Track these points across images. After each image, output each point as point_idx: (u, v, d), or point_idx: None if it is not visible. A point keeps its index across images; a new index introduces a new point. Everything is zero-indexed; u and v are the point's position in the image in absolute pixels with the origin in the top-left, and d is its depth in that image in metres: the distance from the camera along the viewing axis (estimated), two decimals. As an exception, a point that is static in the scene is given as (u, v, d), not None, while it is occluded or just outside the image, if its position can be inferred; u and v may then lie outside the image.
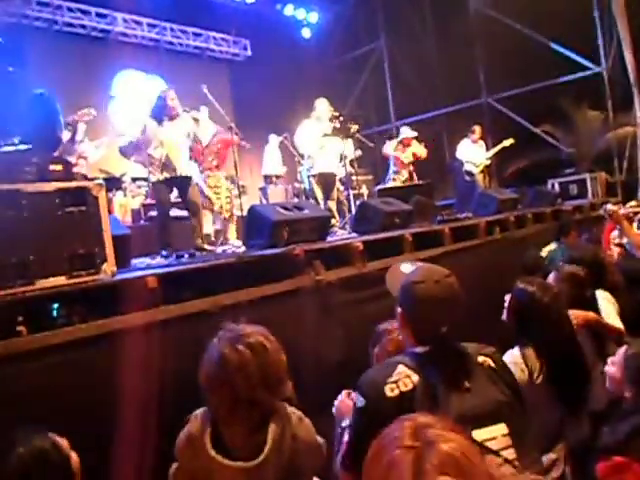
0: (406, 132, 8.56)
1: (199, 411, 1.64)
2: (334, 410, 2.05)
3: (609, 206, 3.94)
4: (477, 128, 9.17)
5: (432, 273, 1.71)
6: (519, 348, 2.26)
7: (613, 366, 1.99)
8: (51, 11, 9.26)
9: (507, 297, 2.45)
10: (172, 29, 10.98)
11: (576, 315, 2.48)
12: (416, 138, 8.50)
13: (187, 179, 5.17)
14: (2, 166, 2.30)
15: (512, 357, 2.21)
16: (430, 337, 1.66)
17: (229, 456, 1.52)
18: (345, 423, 1.95)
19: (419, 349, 1.67)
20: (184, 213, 5.63)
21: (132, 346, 2.39)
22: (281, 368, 1.57)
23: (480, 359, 1.66)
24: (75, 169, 6.19)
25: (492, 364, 1.67)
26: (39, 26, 9.20)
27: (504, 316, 2.45)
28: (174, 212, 5.80)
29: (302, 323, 3.23)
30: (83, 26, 9.77)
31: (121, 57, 10.15)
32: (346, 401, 2.04)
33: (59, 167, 2.71)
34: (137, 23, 10.47)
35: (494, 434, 1.50)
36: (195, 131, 5.31)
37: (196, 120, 5.23)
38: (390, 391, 1.54)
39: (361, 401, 1.60)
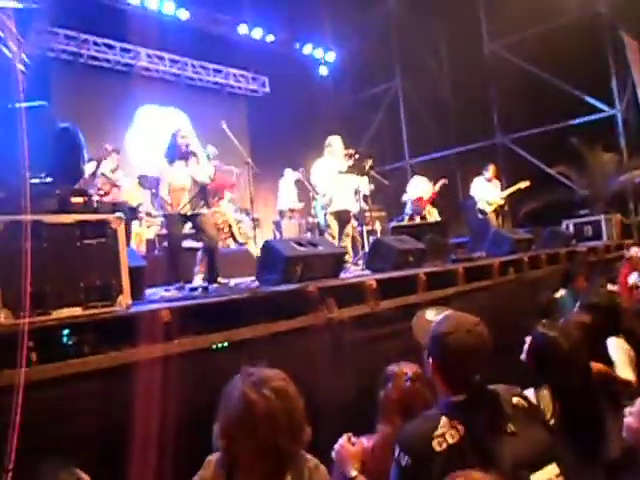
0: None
1: (213, 457, 1.56)
2: (334, 454, 1.99)
3: (633, 250, 3.87)
4: (492, 167, 9.15)
5: (463, 323, 1.70)
6: (534, 389, 2.24)
7: (630, 416, 1.96)
8: (77, 44, 9.59)
9: (528, 339, 2.43)
10: (193, 65, 11.30)
11: None
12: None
13: (198, 217, 5.11)
14: (25, 197, 2.34)
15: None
16: (465, 386, 1.63)
17: None
18: (353, 473, 1.90)
19: (455, 398, 1.63)
20: (197, 244, 5.66)
21: (145, 379, 2.39)
22: (302, 414, 1.48)
23: (515, 400, 1.65)
24: (106, 198, 6.32)
25: (526, 404, 1.67)
26: (65, 58, 9.51)
27: (523, 356, 2.43)
28: (188, 243, 5.84)
29: (314, 361, 3.21)
30: (108, 60, 10.09)
31: (143, 91, 10.43)
32: (347, 446, 1.99)
33: (80, 199, 2.76)
34: (160, 58, 10.79)
35: (549, 475, 1.49)
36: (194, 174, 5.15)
37: (195, 155, 5.20)
38: (438, 445, 1.49)
39: (406, 460, 1.51)
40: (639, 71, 9.96)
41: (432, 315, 1.93)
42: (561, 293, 4.55)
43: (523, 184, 9.10)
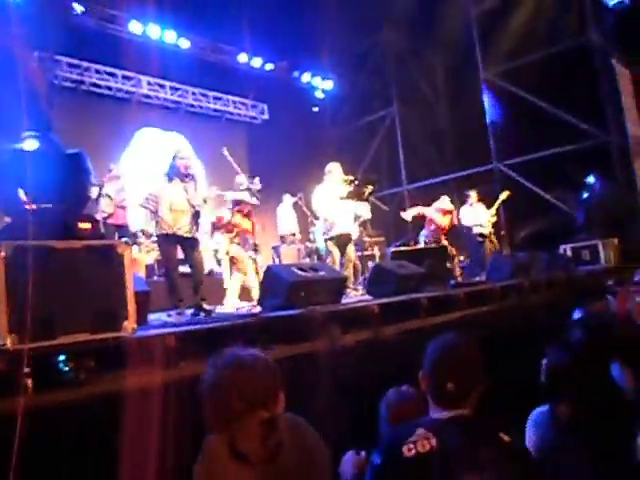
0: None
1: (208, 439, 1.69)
2: (340, 467, 2.04)
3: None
4: (472, 192, 9.43)
5: (448, 337, 1.83)
6: (550, 406, 2.24)
7: None
8: (80, 72, 9.73)
9: (544, 361, 2.45)
10: (194, 92, 11.45)
11: None
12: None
13: (189, 240, 5.15)
14: (33, 222, 2.36)
15: (541, 415, 2.21)
16: (440, 398, 1.71)
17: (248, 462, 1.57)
18: (347, 478, 1.93)
19: (439, 414, 1.69)
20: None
21: (151, 404, 2.38)
22: (268, 382, 1.58)
23: (500, 435, 1.66)
24: (110, 220, 6.33)
25: (510, 441, 1.67)
26: (68, 86, 9.63)
27: (542, 378, 2.45)
28: (184, 268, 5.83)
29: (318, 386, 3.20)
30: (109, 87, 10.22)
31: (144, 117, 10.55)
32: (353, 456, 2.03)
33: (88, 225, 2.78)
34: (161, 86, 10.94)
35: None
36: (190, 197, 5.18)
37: (193, 179, 5.22)
38: (408, 451, 1.55)
39: (377, 459, 1.60)
40: (629, 99, 10.16)
41: None
42: (579, 315, 4.54)
43: (504, 195, 9.31)
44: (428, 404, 2.08)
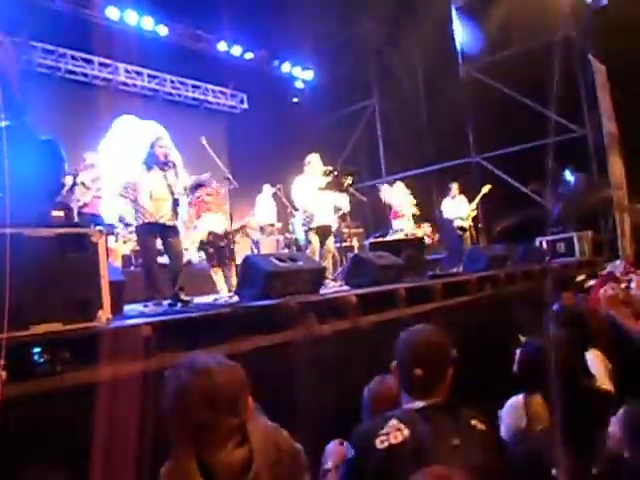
0: None
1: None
2: (323, 456, 2.05)
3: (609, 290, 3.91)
4: (454, 185, 9.58)
5: (418, 328, 1.89)
6: (524, 396, 2.28)
7: (614, 425, 2.00)
8: (55, 58, 9.51)
9: (518, 351, 2.49)
10: (172, 80, 11.29)
11: None
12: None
13: (170, 229, 5.09)
14: (4, 210, 2.31)
15: (515, 403, 2.25)
16: (410, 386, 1.74)
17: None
18: (328, 465, 1.94)
19: (412, 405, 1.71)
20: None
21: (125, 394, 2.36)
22: (234, 388, 1.52)
23: (472, 422, 1.70)
24: (86, 209, 6.23)
25: (483, 428, 1.71)
26: (42, 72, 9.41)
27: (515, 368, 2.49)
28: (162, 259, 5.77)
29: (295, 376, 3.21)
30: (85, 74, 10.02)
31: (121, 105, 10.38)
32: (335, 445, 2.04)
33: (61, 213, 2.73)
34: (138, 74, 10.75)
35: None
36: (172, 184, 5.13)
37: (174, 166, 5.19)
38: (380, 443, 1.56)
39: (351, 452, 1.62)
40: (605, 94, 10.31)
41: None
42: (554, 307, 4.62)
43: (486, 188, 9.45)
44: None
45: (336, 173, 6.50)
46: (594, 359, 2.85)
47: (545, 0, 10.19)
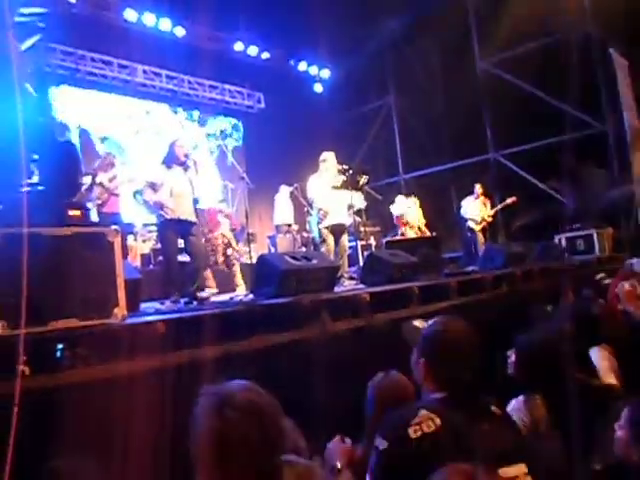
0: None
1: None
2: (325, 453, 2.06)
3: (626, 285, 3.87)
4: (478, 186, 9.47)
5: (455, 324, 1.86)
6: (524, 397, 2.28)
7: (620, 430, 1.97)
8: (74, 60, 9.67)
9: (509, 352, 2.47)
10: (189, 81, 11.39)
11: None
12: None
13: (192, 225, 5.18)
14: (23, 209, 2.37)
15: (517, 405, 2.25)
16: (453, 384, 1.74)
17: None
18: (337, 465, 1.98)
19: (437, 395, 1.75)
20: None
21: (140, 391, 2.40)
22: (276, 421, 1.34)
23: (493, 408, 1.78)
24: (104, 208, 6.35)
25: (501, 413, 1.80)
26: (62, 74, 9.57)
27: (510, 370, 2.47)
28: (183, 257, 5.85)
29: (309, 373, 3.23)
30: (104, 76, 10.16)
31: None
32: (337, 443, 2.06)
33: (77, 212, 2.79)
34: (156, 74, 10.87)
35: (517, 472, 1.56)
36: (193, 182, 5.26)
37: (195, 164, 5.28)
38: (414, 432, 1.56)
39: (383, 443, 1.59)
40: (626, 89, 10.12)
41: (419, 323, 2.04)
42: (550, 307, 4.59)
43: (510, 200, 9.36)
44: (415, 388, 2.12)
45: (351, 171, 6.51)
46: (599, 355, 2.83)
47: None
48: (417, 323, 2.09)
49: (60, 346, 2.50)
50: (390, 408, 1.91)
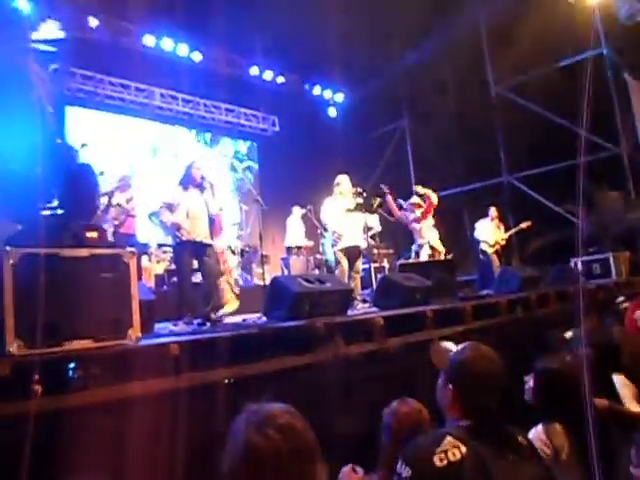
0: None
1: None
2: None
3: None
4: (493, 209, 9.43)
5: (485, 352, 1.82)
6: (543, 425, 2.23)
7: (635, 469, 1.92)
8: (94, 84, 9.88)
9: (527, 378, 2.43)
10: (205, 104, 11.57)
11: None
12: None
13: (207, 246, 5.23)
14: (42, 230, 2.41)
15: (537, 434, 2.20)
16: (480, 412, 1.71)
17: None
18: None
19: (463, 422, 1.71)
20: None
21: (153, 412, 2.40)
22: (313, 448, 1.32)
23: (519, 438, 1.73)
24: (122, 229, 6.42)
25: (527, 443, 1.75)
26: (81, 97, 9.78)
27: (527, 397, 2.43)
28: (196, 278, 5.87)
29: (321, 397, 3.21)
30: (122, 99, 10.37)
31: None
32: (349, 473, 2.03)
33: (94, 234, 2.83)
34: (173, 98, 11.07)
35: None
36: (208, 204, 5.31)
37: (211, 186, 5.33)
38: (439, 461, 1.54)
39: (406, 471, 1.57)
40: (641, 112, 10.12)
41: (449, 345, 2.01)
42: (570, 333, 4.51)
43: (524, 224, 9.31)
44: (429, 415, 2.08)
45: (365, 194, 6.53)
46: (622, 383, 2.77)
47: (577, 17, 10.12)
48: (448, 345, 2.05)
49: (73, 366, 2.51)
50: (406, 437, 1.88)
